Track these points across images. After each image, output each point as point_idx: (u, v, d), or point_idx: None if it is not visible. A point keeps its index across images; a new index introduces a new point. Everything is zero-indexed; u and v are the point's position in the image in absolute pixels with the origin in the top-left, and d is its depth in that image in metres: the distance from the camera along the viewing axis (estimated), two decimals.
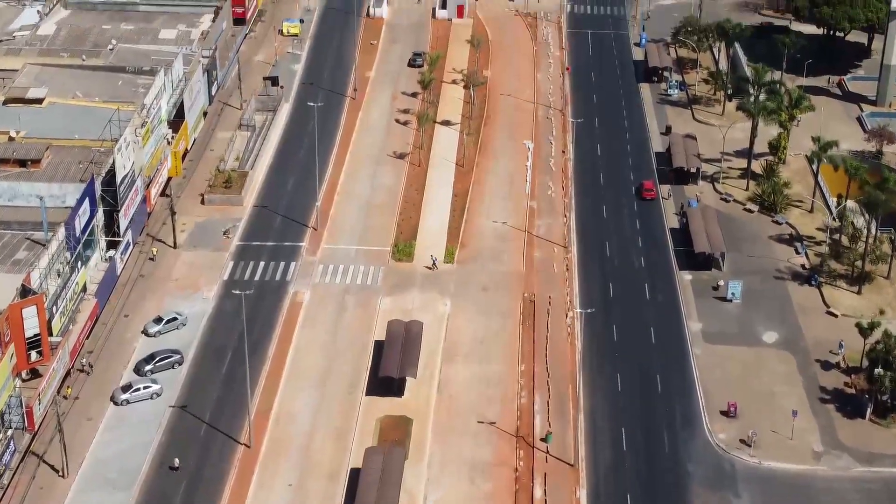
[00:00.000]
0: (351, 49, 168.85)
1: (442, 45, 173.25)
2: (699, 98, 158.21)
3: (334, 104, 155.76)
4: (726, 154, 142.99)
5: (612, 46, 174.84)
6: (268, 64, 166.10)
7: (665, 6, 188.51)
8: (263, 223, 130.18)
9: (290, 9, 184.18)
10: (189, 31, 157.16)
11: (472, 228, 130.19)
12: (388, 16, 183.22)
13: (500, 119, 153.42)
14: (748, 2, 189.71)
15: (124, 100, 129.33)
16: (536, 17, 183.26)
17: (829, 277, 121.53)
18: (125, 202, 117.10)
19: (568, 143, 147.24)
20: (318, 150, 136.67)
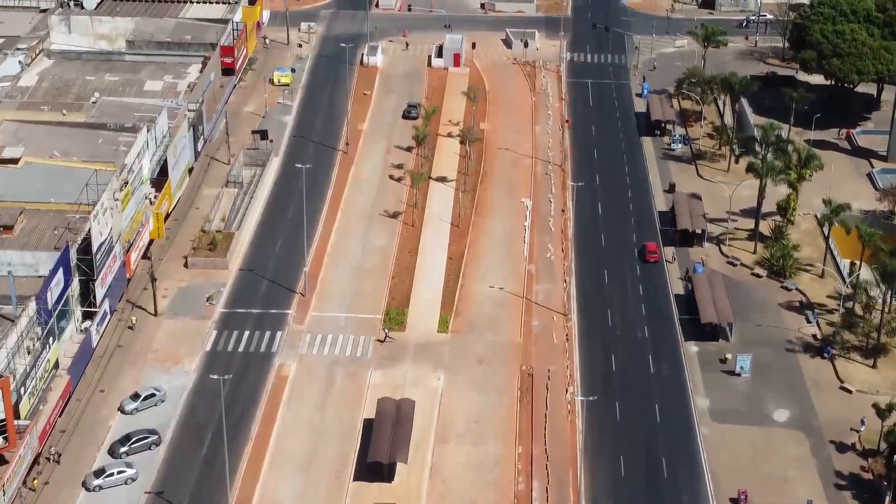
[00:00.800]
0: (343, 100, 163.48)
1: (438, 95, 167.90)
2: (703, 153, 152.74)
3: (325, 159, 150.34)
4: (732, 214, 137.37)
5: (613, 97, 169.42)
6: (257, 115, 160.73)
7: (667, 55, 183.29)
8: (249, 288, 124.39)
9: (282, 57, 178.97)
10: (176, 82, 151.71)
11: (468, 294, 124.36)
12: (383, 64, 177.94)
13: (497, 175, 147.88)
14: (753, 50, 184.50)
15: (104, 159, 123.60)
16: (535, 66, 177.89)
17: (843, 349, 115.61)
18: (102, 271, 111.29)
19: (568, 201, 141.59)
20: (308, 208, 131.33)
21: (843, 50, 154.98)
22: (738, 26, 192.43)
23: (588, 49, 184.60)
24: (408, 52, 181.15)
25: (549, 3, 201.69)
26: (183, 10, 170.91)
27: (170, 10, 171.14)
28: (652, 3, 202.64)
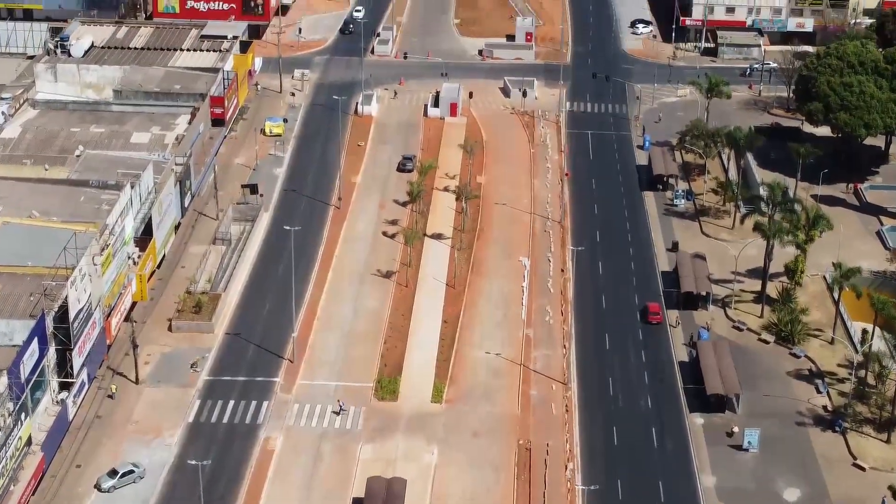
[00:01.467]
0: (337, 151, 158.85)
1: (434, 146, 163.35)
2: (707, 209, 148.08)
3: (317, 214, 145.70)
4: (738, 275, 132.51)
5: (613, 149, 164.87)
6: (248, 167, 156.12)
7: (669, 104, 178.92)
8: (235, 354, 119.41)
9: (275, 105, 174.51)
10: (163, 134, 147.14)
11: (463, 361, 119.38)
12: (378, 114, 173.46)
13: (494, 232, 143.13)
14: (756, 100, 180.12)
15: (86, 219, 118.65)
16: (534, 116, 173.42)
17: (855, 422, 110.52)
18: (80, 339, 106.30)
19: (567, 260, 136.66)
20: (298, 267, 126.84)
21: (851, 103, 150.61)
22: (741, 75, 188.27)
23: (588, 98, 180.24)
24: (402, 101, 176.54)
25: (548, 50, 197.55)
26: (173, 59, 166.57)
27: (159, 58, 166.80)
28: (653, 51, 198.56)
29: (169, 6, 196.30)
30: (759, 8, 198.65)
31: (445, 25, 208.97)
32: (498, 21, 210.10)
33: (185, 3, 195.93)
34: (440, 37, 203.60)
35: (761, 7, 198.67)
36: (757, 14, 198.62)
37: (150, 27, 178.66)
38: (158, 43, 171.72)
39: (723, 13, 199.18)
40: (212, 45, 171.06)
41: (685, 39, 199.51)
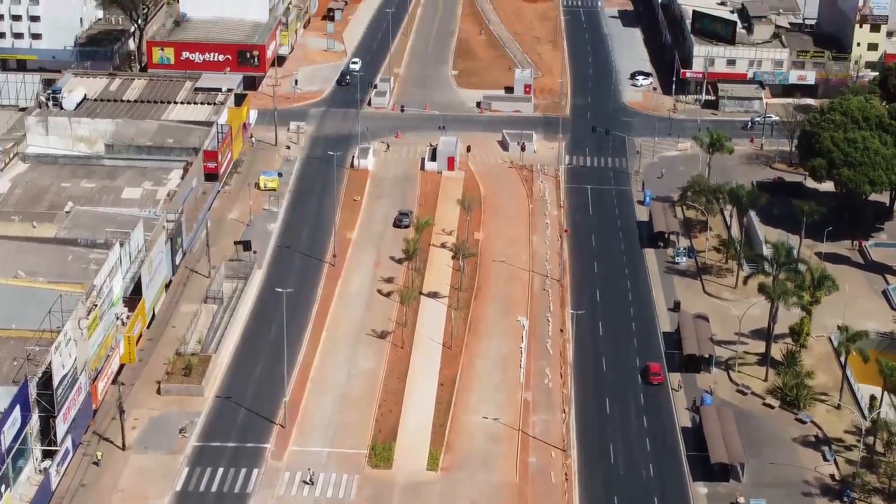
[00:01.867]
0: (332, 206, 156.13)
1: (431, 201, 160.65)
2: (709, 267, 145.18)
3: (311, 272, 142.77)
4: (742, 335, 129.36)
5: (613, 204, 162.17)
6: (241, 223, 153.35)
7: (670, 158, 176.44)
8: (225, 419, 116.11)
9: (270, 158, 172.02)
10: (155, 189, 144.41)
11: (460, 427, 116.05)
12: (374, 167, 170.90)
13: (492, 290, 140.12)
14: (758, 154, 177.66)
15: (73, 279, 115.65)
16: (533, 171, 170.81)
17: (863, 492, 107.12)
18: (64, 406, 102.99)
19: (567, 320, 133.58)
20: (291, 327, 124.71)
21: (855, 159, 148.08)
22: (742, 128, 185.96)
23: (588, 152, 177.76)
24: (399, 154, 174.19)
25: (547, 102, 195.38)
26: (166, 112, 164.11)
27: (152, 111, 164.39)
28: (653, 103, 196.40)
29: (164, 58, 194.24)
30: (761, 60, 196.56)
31: (443, 77, 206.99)
32: (496, 72, 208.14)
33: (179, 54, 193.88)
34: (438, 88, 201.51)
35: (762, 59, 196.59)
36: (758, 66, 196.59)
37: (144, 79, 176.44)
38: (152, 95, 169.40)
39: (723, 65, 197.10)
40: (206, 97, 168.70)
41: (686, 92, 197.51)
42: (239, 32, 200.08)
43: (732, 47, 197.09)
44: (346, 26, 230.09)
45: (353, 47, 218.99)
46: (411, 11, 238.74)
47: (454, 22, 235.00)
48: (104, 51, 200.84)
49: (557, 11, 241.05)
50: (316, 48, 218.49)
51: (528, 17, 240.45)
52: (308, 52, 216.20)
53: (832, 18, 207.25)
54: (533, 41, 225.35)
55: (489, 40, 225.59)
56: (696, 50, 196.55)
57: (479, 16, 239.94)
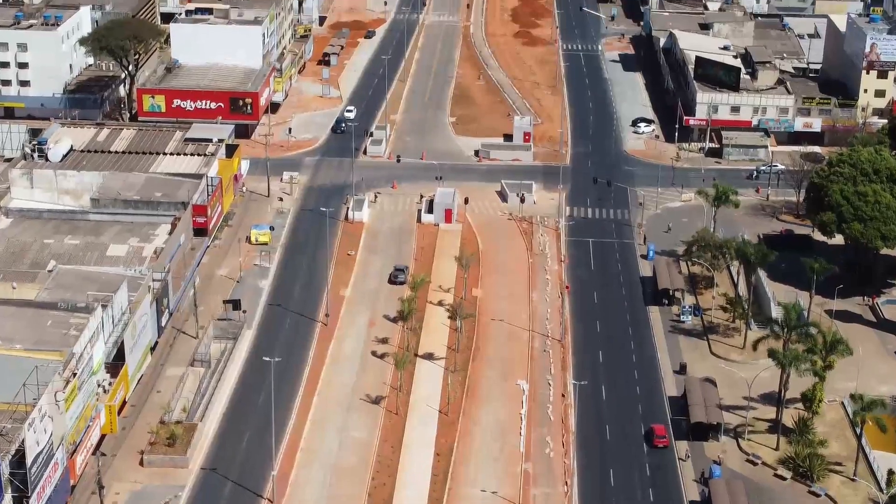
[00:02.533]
0: (325, 262, 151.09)
1: (427, 256, 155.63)
2: (716, 326, 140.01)
3: (303, 332, 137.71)
4: (751, 400, 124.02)
5: (616, 259, 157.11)
6: (231, 279, 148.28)
7: (673, 209, 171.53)
8: (211, 492, 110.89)
9: (262, 211, 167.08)
10: (142, 246, 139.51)
11: (457, 500, 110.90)
12: (369, 220, 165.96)
13: (490, 351, 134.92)
14: (765, 205, 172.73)
15: (52, 346, 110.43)
16: (532, 223, 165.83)
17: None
18: (39, 485, 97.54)
19: (568, 384, 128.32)
20: (281, 392, 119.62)
21: (866, 213, 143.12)
22: (748, 177, 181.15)
23: (588, 203, 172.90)
24: (395, 206, 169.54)
25: (546, 150, 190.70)
26: (155, 164, 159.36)
27: (141, 163, 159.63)
28: (656, 151, 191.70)
29: (154, 105, 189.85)
30: (765, 107, 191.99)
31: (441, 123, 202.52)
32: (495, 119, 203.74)
33: (171, 102, 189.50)
34: (435, 136, 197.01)
35: (767, 106, 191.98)
36: (763, 114, 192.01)
37: (133, 129, 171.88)
38: (140, 146, 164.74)
39: (727, 113, 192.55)
40: (196, 148, 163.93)
41: (689, 139, 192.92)
42: (232, 79, 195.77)
43: (736, 94, 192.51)
44: (342, 71, 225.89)
45: (349, 93, 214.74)
46: (409, 56, 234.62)
47: (452, 67, 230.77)
48: (94, 98, 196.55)
49: (557, 56, 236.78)
50: (311, 94, 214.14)
51: (528, 61, 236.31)
52: (303, 99, 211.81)
53: (838, 64, 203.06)
54: (532, 86, 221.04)
55: (488, 85, 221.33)
56: (700, 97, 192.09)
57: (477, 60, 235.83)
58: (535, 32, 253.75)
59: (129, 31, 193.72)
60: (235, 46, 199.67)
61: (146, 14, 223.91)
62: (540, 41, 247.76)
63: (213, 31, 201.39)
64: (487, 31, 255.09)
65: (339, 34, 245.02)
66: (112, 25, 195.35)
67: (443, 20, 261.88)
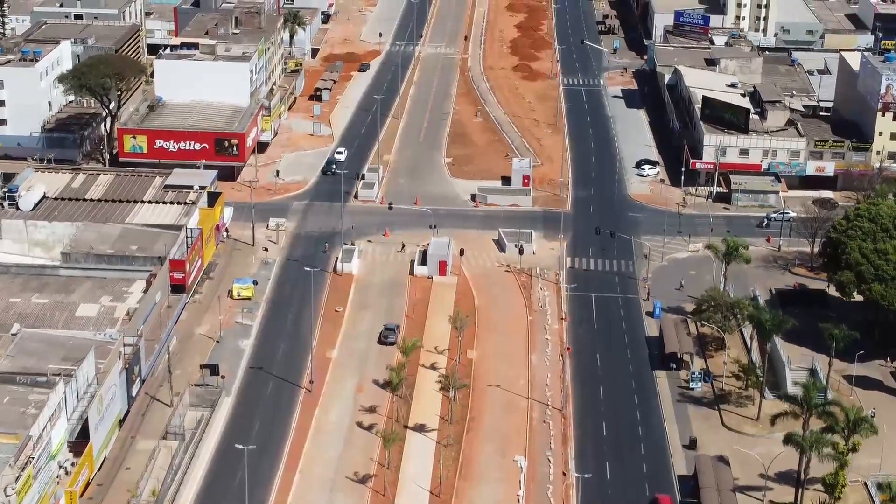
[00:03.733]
0: (311, 319, 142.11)
1: (420, 313, 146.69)
2: (728, 394, 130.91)
3: (285, 399, 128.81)
4: (769, 480, 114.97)
5: (620, 316, 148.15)
6: (211, 339, 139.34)
7: (680, 261, 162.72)
8: None
9: (245, 262, 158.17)
10: (113, 307, 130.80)
11: None
12: (359, 271, 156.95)
13: (486, 422, 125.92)
14: (776, 256, 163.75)
15: (7, 426, 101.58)
16: (531, 275, 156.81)
17: None
18: None
19: (570, 459, 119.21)
20: (260, 469, 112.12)
21: (887, 272, 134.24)
22: (758, 225, 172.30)
23: (591, 253, 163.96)
24: (386, 256, 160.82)
25: (546, 194, 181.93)
26: (132, 213, 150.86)
27: (117, 211, 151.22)
28: (661, 196, 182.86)
29: (136, 146, 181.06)
30: (776, 150, 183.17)
31: (436, 164, 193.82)
32: (492, 159, 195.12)
33: (153, 143, 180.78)
34: (430, 178, 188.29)
35: (777, 149, 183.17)
36: (773, 157, 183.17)
37: (111, 174, 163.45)
38: (118, 193, 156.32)
39: (736, 155, 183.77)
40: (176, 196, 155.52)
41: (695, 183, 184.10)
42: (217, 118, 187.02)
43: (745, 136, 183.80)
44: (334, 107, 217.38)
45: (341, 131, 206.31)
46: (403, 91, 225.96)
47: (449, 103, 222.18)
48: (73, 137, 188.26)
49: (558, 91, 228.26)
50: (301, 132, 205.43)
51: (527, 96, 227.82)
52: (293, 137, 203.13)
53: (850, 103, 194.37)
54: (532, 124, 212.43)
55: (486, 123, 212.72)
56: (707, 139, 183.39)
57: (474, 95, 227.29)
58: (535, 66, 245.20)
59: (111, 69, 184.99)
60: (222, 84, 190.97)
61: (131, 47, 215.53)
62: (540, 75, 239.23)
63: (198, 68, 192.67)
64: (486, 65, 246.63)
65: (331, 67, 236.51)
66: (92, 62, 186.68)
67: (439, 52, 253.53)
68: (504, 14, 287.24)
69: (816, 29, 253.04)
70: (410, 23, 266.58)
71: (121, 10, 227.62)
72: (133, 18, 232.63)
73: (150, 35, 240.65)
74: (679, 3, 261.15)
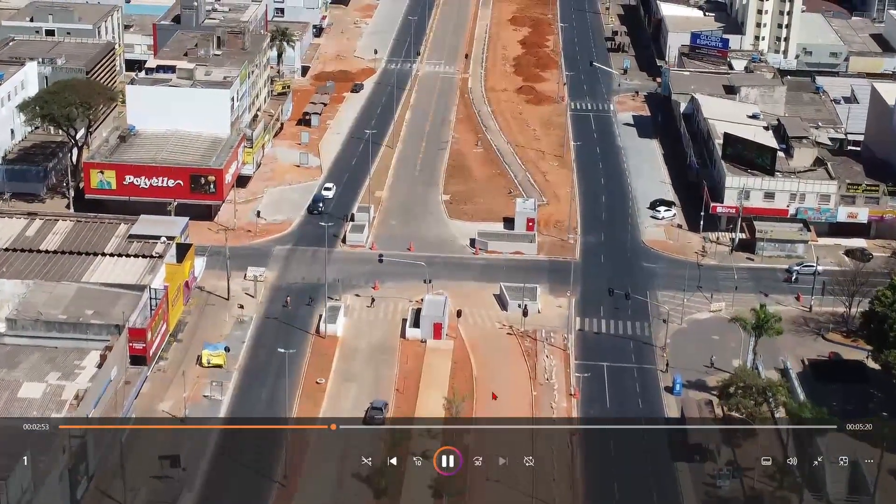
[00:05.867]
0: (288, 394, 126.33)
1: (411, 386, 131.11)
2: (760, 494, 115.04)
3: (256, 495, 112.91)
4: None
5: (635, 391, 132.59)
6: (173, 416, 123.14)
7: (701, 322, 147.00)
8: None
9: (219, 321, 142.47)
10: (62, 385, 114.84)
11: None
12: (345, 332, 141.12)
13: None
14: (808, 318, 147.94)
15: None
16: (536, 339, 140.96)
17: None
18: None
19: None
20: None
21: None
22: (784, 281, 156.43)
23: (602, 313, 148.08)
24: (375, 315, 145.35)
25: (553, 240, 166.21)
26: (90, 269, 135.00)
27: (73, 267, 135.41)
28: (678, 243, 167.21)
29: (103, 182, 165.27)
30: (804, 194, 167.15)
31: (433, 203, 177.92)
32: (494, 197, 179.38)
33: (122, 178, 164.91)
34: (425, 219, 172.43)
35: (806, 193, 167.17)
36: (801, 201, 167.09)
37: (70, 220, 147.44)
38: (76, 244, 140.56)
39: (760, 199, 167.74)
40: (141, 248, 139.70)
41: (716, 229, 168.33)
42: (194, 150, 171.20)
43: (771, 178, 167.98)
44: (324, 133, 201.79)
45: (330, 162, 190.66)
46: (399, 115, 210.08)
47: (447, 130, 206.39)
48: (37, 170, 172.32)
49: (565, 117, 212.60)
50: (287, 162, 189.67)
51: (532, 121, 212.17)
52: (277, 169, 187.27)
53: (884, 141, 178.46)
54: (537, 156, 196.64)
55: (487, 154, 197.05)
56: (729, 180, 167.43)
57: (475, 121, 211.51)
58: (540, 87, 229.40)
59: (78, 96, 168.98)
60: (200, 112, 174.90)
61: (105, 67, 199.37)
62: (545, 98, 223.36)
63: (174, 95, 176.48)
64: (487, 86, 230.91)
65: (322, 88, 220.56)
66: (58, 88, 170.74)
67: (438, 71, 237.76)
68: (507, 28, 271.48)
69: (840, 51, 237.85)
70: (408, 37, 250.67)
71: (96, 25, 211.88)
72: (110, 34, 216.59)
73: (130, 50, 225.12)
74: (693, 21, 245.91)
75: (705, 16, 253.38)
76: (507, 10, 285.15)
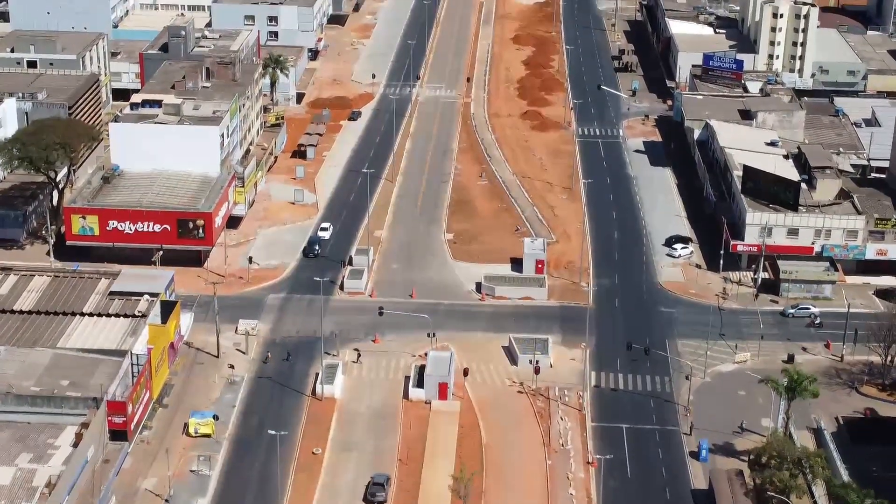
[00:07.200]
0: (282, 468, 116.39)
1: (415, 455, 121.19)
2: None
3: None
4: None
5: (658, 459, 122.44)
6: (159, 497, 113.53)
7: (725, 375, 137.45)
8: None
9: (207, 383, 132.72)
10: (33, 469, 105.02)
11: None
12: (343, 394, 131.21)
13: None
14: (839, 369, 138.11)
15: None
16: (549, 397, 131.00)
17: None
18: None
19: None
20: None
21: None
22: (808, 325, 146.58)
23: (619, 366, 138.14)
24: (376, 373, 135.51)
25: (564, 283, 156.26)
26: (67, 331, 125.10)
27: (49, 329, 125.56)
28: (697, 283, 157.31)
29: (86, 228, 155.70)
30: (830, 230, 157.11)
31: (435, 243, 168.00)
32: (500, 236, 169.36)
33: (105, 224, 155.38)
34: (428, 262, 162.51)
35: (832, 229, 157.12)
36: (827, 237, 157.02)
37: (48, 276, 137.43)
38: (53, 303, 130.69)
39: (783, 236, 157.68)
40: (123, 306, 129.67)
41: (738, 267, 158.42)
42: (182, 192, 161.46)
43: (794, 213, 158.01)
44: (320, 167, 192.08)
45: (327, 198, 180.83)
46: (398, 146, 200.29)
47: (449, 162, 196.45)
48: (16, 214, 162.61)
49: (573, 145, 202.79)
50: (281, 200, 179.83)
51: (538, 150, 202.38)
52: (271, 207, 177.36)
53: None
54: (544, 188, 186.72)
55: (491, 186, 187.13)
56: (750, 217, 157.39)
57: (478, 151, 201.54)
58: (546, 112, 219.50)
59: (58, 136, 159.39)
60: (188, 151, 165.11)
61: (89, 101, 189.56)
62: (552, 124, 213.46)
63: (160, 132, 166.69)
64: (491, 111, 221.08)
65: (317, 117, 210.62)
66: (36, 129, 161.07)
67: (439, 95, 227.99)
68: (510, 48, 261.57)
69: (858, 69, 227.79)
70: (407, 59, 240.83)
71: (80, 55, 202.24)
72: (95, 63, 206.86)
73: (117, 78, 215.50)
74: (704, 39, 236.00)
75: (716, 33, 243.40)
76: (509, 28, 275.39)
